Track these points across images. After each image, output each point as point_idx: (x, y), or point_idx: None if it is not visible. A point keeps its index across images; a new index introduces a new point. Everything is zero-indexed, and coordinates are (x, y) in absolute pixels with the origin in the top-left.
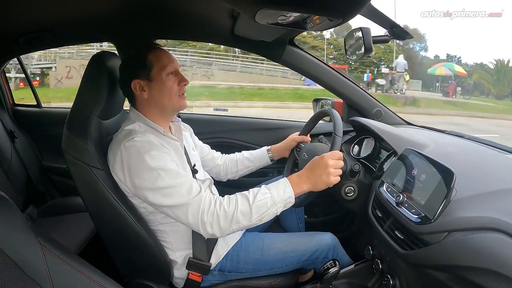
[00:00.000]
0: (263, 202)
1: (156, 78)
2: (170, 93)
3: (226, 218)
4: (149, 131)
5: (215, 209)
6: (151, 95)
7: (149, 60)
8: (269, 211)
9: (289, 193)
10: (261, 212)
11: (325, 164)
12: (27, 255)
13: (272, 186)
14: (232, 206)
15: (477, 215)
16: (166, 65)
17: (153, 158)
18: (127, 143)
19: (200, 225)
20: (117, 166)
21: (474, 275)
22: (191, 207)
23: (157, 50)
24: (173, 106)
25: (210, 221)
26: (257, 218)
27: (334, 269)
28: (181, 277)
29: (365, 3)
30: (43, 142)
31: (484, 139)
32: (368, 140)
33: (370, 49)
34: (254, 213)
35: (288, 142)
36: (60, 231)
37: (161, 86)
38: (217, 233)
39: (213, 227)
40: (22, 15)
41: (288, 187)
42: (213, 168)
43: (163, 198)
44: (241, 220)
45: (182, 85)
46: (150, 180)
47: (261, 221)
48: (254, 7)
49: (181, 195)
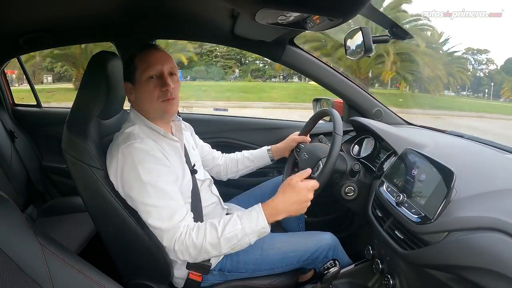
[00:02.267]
0: (232, 234)
1: (138, 81)
2: (151, 98)
3: (195, 248)
4: (149, 133)
5: (185, 239)
6: (136, 99)
7: (134, 62)
8: (241, 242)
9: (262, 224)
10: (231, 243)
11: (301, 193)
12: (27, 255)
13: (244, 215)
14: (201, 237)
15: (477, 215)
16: (147, 68)
17: (146, 170)
18: (125, 148)
19: (171, 251)
20: (112, 170)
21: (474, 275)
22: (166, 234)
23: (145, 51)
24: (156, 111)
25: (181, 250)
26: (227, 248)
27: (334, 269)
28: (181, 277)
29: (365, 3)
30: (43, 142)
31: (484, 139)
32: (368, 140)
33: (370, 49)
34: (223, 245)
35: (288, 142)
36: (60, 231)
37: (142, 90)
38: (189, 260)
39: (184, 255)
40: (22, 15)
41: (261, 217)
42: (214, 167)
43: (145, 214)
44: (210, 250)
45: (164, 90)
46: (138, 193)
47: (233, 250)
48: (254, 7)
49: (160, 219)
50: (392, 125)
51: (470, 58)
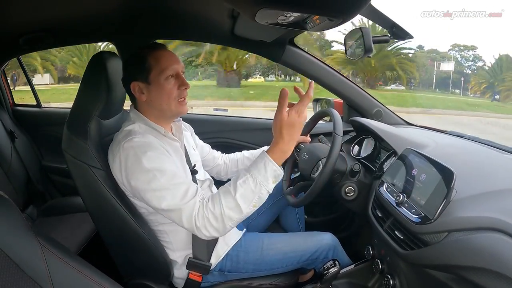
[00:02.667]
0: (246, 189)
1: (154, 81)
2: (169, 97)
3: (216, 219)
4: (149, 131)
5: (203, 212)
6: (150, 98)
7: (148, 62)
8: (259, 195)
9: (272, 167)
10: (250, 199)
11: (292, 129)
12: (27, 255)
13: (251, 166)
14: (217, 205)
15: (477, 215)
16: (166, 68)
17: (149, 159)
18: (125, 144)
19: (195, 229)
20: (116, 167)
21: (474, 275)
22: (184, 212)
23: (158, 51)
24: (172, 111)
25: (204, 225)
26: (248, 206)
27: (334, 269)
28: (181, 277)
29: (365, 3)
30: (43, 142)
31: (484, 139)
32: (368, 140)
33: (370, 49)
34: (242, 204)
35: None
36: (60, 231)
37: (160, 89)
38: (215, 234)
39: (208, 229)
40: (22, 15)
41: (267, 161)
42: (214, 168)
43: (158, 201)
44: (233, 215)
45: (183, 89)
46: (145, 181)
47: (255, 207)
48: (254, 7)
49: (175, 198)
50: (392, 125)
51: (457, 55)
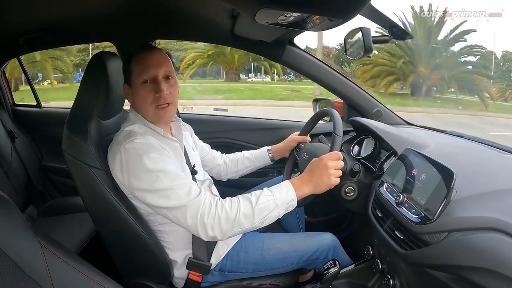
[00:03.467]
0: (265, 204)
1: (134, 84)
2: (145, 103)
3: (228, 221)
4: (149, 132)
5: (216, 211)
6: (133, 101)
7: (131, 64)
8: (272, 214)
9: (292, 196)
10: (264, 214)
11: (324, 165)
12: (27, 255)
13: (274, 188)
14: (235, 209)
15: (477, 215)
16: (141, 72)
17: (152, 160)
18: (126, 144)
19: (199, 227)
20: (117, 167)
21: (474, 275)
22: (189, 210)
23: (142, 53)
24: (150, 117)
25: (211, 224)
26: (259, 220)
27: (334, 269)
28: (181, 277)
29: (365, 3)
30: (43, 142)
31: (484, 139)
32: (368, 140)
33: (370, 49)
34: (256, 216)
35: (288, 142)
36: (60, 231)
37: (137, 93)
38: (218, 236)
39: (214, 229)
40: (22, 15)
41: (290, 189)
42: (214, 168)
43: (162, 200)
44: (243, 222)
45: (157, 96)
46: (149, 182)
47: (263, 224)
48: (254, 7)
49: (180, 197)
50: (392, 125)
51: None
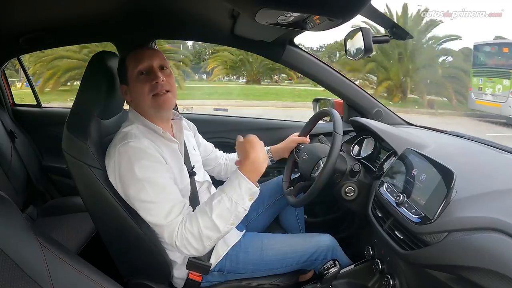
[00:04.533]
0: (222, 208)
1: (130, 80)
2: (143, 94)
3: (195, 238)
4: (147, 132)
5: (182, 233)
6: (132, 98)
7: (125, 63)
8: (236, 213)
9: (247, 184)
10: (227, 217)
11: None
12: (27, 255)
13: (226, 185)
14: (195, 226)
15: (477, 215)
16: (136, 65)
17: (141, 168)
18: (121, 148)
19: (175, 247)
20: (110, 170)
21: (474, 275)
22: (166, 230)
23: (135, 50)
24: (150, 107)
25: (184, 244)
26: (225, 225)
27: (334, 269)
28: (181, 277)
29: (365, 3)
30: (43, 142)
31: (484, 139)
32: (368, 140)
33: (370, 49)
34: (219, 223)
35: (288, 143)
36: (60, 231)
37: (135, 88)
38: (195, 253)
39: (188, 248)
40: (22, 15)
41: (241, 178)
42: (215, 167)
43: (144, 212)
44: (211, 234)
45: (154, 83)
46: (135, 190)
47: (233, 225)
48: (254, 7)
49: (159, 215)
50: (392, 125)
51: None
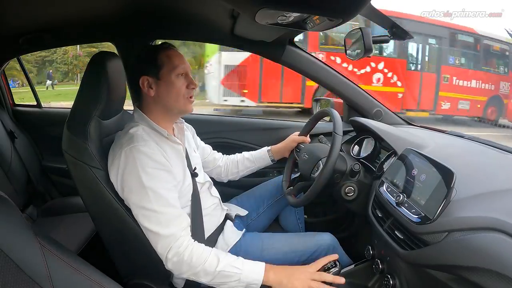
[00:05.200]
0: (229, 273)
1: (165, 77)
2: (178, 95)
3: (189, 267)
4: (153, 135)
5: (184, 254)
6: (158, 93)
7: (160, 58)
8: (231, 284)
9: (258, 279)
10: (222, 281)
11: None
12: (27, 255)
13: (248, 263)
14: (200, 261)
15: (477, 215)
16: (177, 66)
17: (147, 175)
18: (128, 150)
19: (164, 258)
20: (113, 169)
21: (474, 275)
22: (162, 240)
23: (169, 50)
24: (179, 108)
25: (174, 261)
26: (216, 283)
27: (335, 269)
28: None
29: (365, 3)
30: (43, 142)
31: (484, 139)
32: (368, 140)
33: (370, 49)
34: (215, 278)
35: (288, 142)
36: (60, 231)
37: (169, 86)
38: (174, 271)
39: (174, 266)
40: (22, 15)
41: (261, 273)
42: (214, 169)
43: (142, 218)
44: (201, 275)
45: (191, 88)
46: (138, 197)
47: (217, 286)
48: (254, 7)
49: (158, 224)
50: (392, 125)
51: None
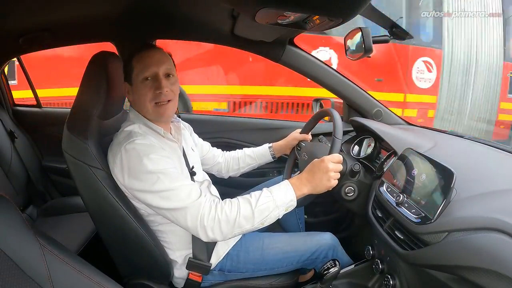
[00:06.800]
0: (265, 206)
1: (134, 82)
2: (144, 101)
3: (228, 223)
4: (149, 132)
5: (216, 214)
6: (133, 99)
7: (132, 63)
8: (271, 215)
9: (291, 196)
10: (264, 216)
11: (325, 167)
12: (27, 255)
13: (274, 189)
14: (234, 211)
15: (477, 215)
16: (142, 70)
17: (152, 161)
18: (127, 145)
19: (199, 229)
20: (117, 168)
21: (474, 275)
22: (189, 212)
23: (143, 51)
24: (149, 114)
25: (211, 226)
26: (259, 221)
27: (334, 269)
28: (181, 277)
29: (365, 3)
30: (43, 142)
31: (484, 140)
32: (368, 140)
33: (370, 49)
34: (256, 217)
35: (289, 140)
36: (60, 231)
37: (136, 91)
38: (219, 238)
39: (214, 231)
40: (22, 15)
41: (290, 190)
42: (214, 166)
43: (162, 201)
44: (244, 224)
45: (158, 92)
46: (149, 183)
47: (263, 225)
48: (254, 7)
49: (180, 199)
50: (392, 125)
51: None
